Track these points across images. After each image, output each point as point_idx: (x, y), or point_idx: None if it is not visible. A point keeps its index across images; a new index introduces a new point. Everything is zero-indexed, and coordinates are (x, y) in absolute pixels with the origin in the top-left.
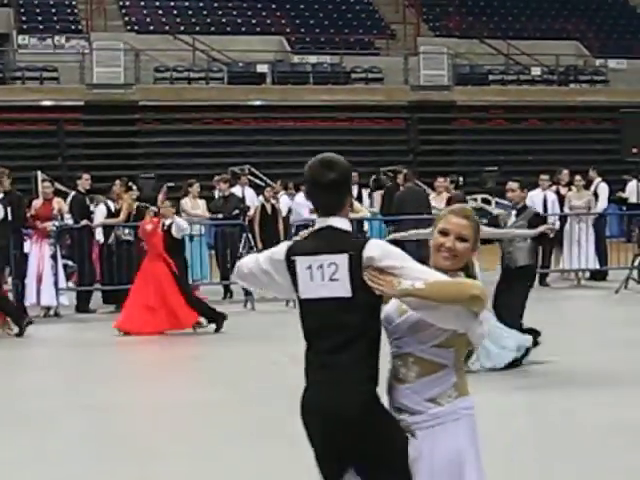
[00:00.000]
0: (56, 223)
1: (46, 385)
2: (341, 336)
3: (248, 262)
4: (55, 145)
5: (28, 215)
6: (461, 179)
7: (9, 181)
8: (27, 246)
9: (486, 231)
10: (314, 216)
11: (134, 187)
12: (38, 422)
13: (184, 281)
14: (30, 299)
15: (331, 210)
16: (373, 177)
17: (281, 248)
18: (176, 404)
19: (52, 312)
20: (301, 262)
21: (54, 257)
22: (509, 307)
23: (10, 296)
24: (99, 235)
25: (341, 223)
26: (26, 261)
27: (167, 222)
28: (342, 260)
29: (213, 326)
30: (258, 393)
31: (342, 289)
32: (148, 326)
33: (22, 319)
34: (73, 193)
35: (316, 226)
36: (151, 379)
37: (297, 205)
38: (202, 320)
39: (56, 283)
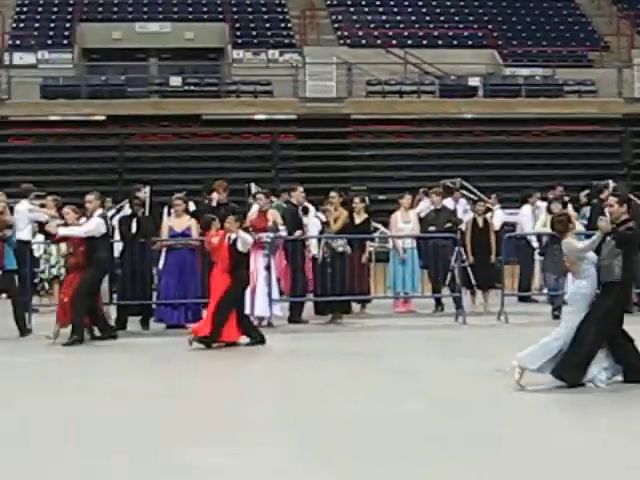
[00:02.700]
0: (270, 234)
1: (260, 395)
2: None
3: None
4: (269, 158)
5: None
6: None
7: (225, 193)
8: None
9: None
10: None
11: (357, 199)
12: (253, 430)
13: (234, 297)
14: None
15: None
16: (586, 192)
17: None
18: (375, 418)
19: (265, 322)
20: None
21: (268, 268)
22: None
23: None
24: (314, 249)
25: None
26: None
27: (232, 236)
28: None
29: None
30: (464, 407)
31: None
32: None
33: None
34: (285, 205)
35: None
36: (364, 390)
37: (522, 217)
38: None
39: (269, 294)
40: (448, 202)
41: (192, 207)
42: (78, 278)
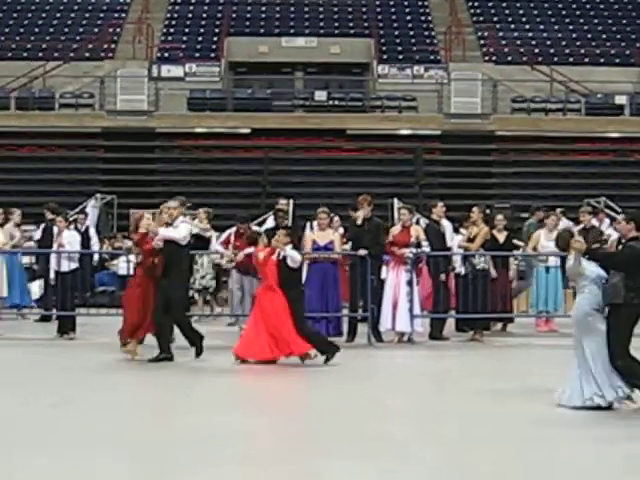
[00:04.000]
0: (413, 250)
1: (399, 410)
2: None
3: None
4: (412, 173)
5: (386, 242)
6: None
7: (370, 208)
8: (384, 272)
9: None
10: None
11: (499, 217)
12: (387, 447)
13: (299, 312)
14: (385, 325)
15: None
16: None
17: None
18: (511, 436)
19: (406, 338)
20: None
21: (410, 284)
22: None
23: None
24: (458, 265)
25: None
26: (382, 287)
27: (282, 253)
28: None
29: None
30: (603, 428)
31: None
32: (262, 353)
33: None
34: (428, 221)
35: None
36: (501, 408)
37: None
38: (311, 352)
39: (411, 309)
40: (592, 222)
41: (337, 221)
42: (146, 292)
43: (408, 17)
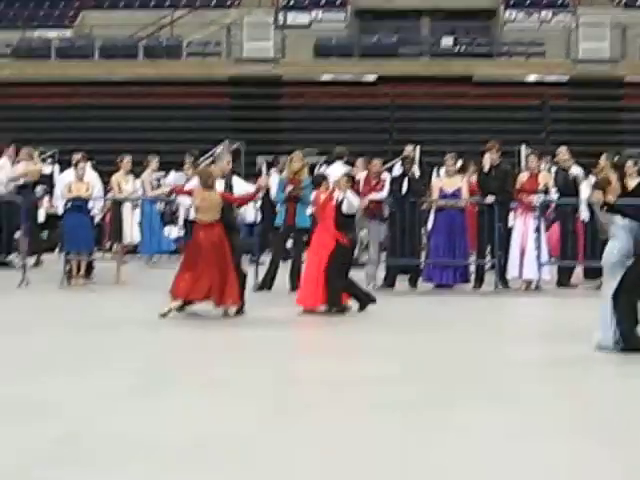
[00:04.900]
0: (541, 197)
1: (526, 359)
2: None
3: None
4: (539, 120)
5: (514, 189)
6: None
7: (498, 154)
8: (511, 219)
9: None
10: None
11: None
12: (515, 397)
13: (341, 261)
14: (512, 272)
15: None
16: None
17: None
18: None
19: (533, 286)
20: None
21: (538, 231)
22: None
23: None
24: (584, 213)
25: None
26: (510, 234)
27: (340, 196)
28: None
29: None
30: None
31: None
32: (307, 300)
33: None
34: (555, 168)
35: None
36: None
37: None
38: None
39: (538, 257)
40: None
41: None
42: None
43: None
